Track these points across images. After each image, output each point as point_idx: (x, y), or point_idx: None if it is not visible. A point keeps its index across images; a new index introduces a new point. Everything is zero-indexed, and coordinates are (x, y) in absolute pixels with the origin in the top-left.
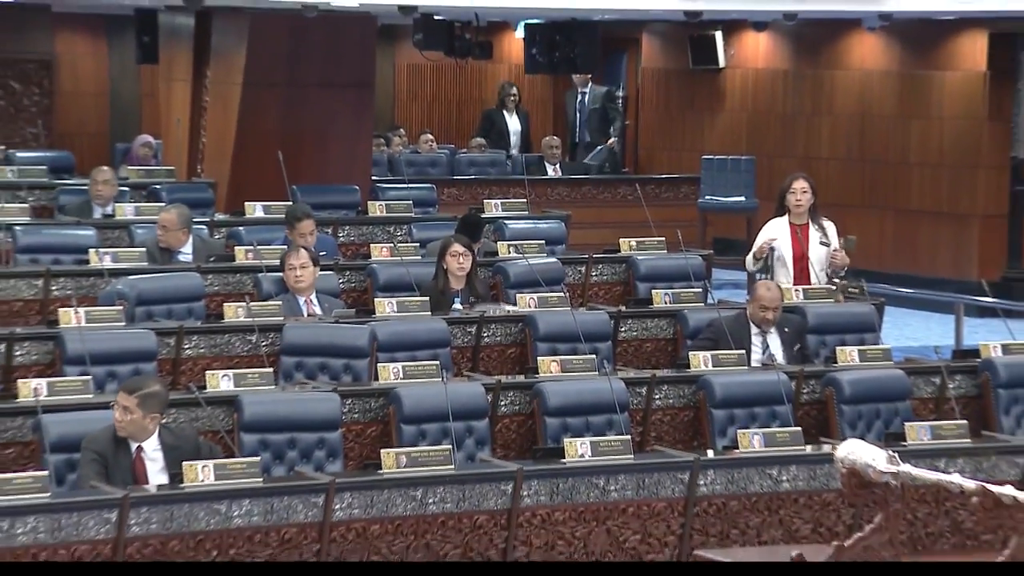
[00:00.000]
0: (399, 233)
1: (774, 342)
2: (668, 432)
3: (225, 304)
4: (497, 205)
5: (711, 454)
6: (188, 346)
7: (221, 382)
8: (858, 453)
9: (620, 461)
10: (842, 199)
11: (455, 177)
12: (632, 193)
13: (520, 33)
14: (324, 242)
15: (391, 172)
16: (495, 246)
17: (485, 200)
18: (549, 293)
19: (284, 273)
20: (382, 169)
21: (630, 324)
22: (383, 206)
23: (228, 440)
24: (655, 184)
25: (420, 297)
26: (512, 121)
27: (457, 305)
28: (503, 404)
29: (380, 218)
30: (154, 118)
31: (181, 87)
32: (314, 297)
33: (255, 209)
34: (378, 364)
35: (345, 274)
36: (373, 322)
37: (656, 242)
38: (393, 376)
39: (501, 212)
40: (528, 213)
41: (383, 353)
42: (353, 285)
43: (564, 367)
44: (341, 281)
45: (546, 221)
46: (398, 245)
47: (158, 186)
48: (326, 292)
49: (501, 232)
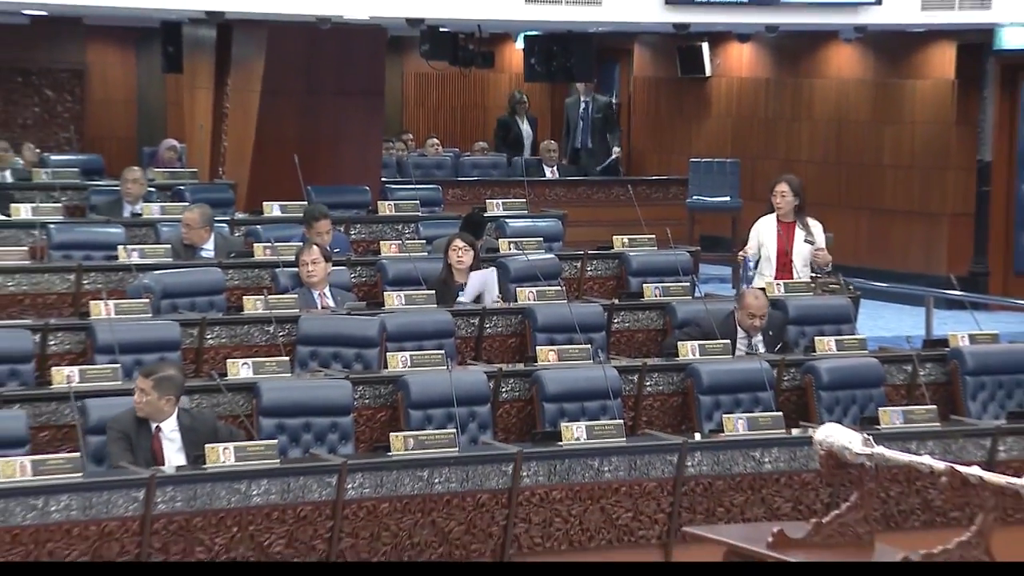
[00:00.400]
0: (407, 231)
1: (758, 344)
2: (658, 417)
3: (244, 297)
4: (498, 205)
5: (698, 437)
6: (210, 336)
7: (241, 370)
8: (835, 436)
9: (613, 444)
10: (820, 199)
11: (459, 178)
12: (624, 193)
13: (520, 44)
14: (337, 239)
15: (399, 174)
16: (496, 243)
17: (487, 200)
18: (547, 287)
19: (298, 268)
20: (391, 171)
21: (622, 316)
22: (392, 206)
23: (247, 424)
24: (646, 185)
25: (427, 291)
26: (524, 127)
27: (461, 298)
28: (504, 391)
29: (389, 217)
30: (178, 123)
31: (204, 94)
32: (327, 290)
33: (272, 208)
34: (387, 353)
35: (357, 269)
36: (383, 314)
37: (647, 239)
38: (401, 364)
39: (502, 211)
40: (527, 212)
41: (392, 343)
42: (364, 279)
43: (561, 356)
44: (353, 276)
45: (544, 220)
46: (406, 242)
47: (182, 187)
48: (339, 286)
49: (502, 230)
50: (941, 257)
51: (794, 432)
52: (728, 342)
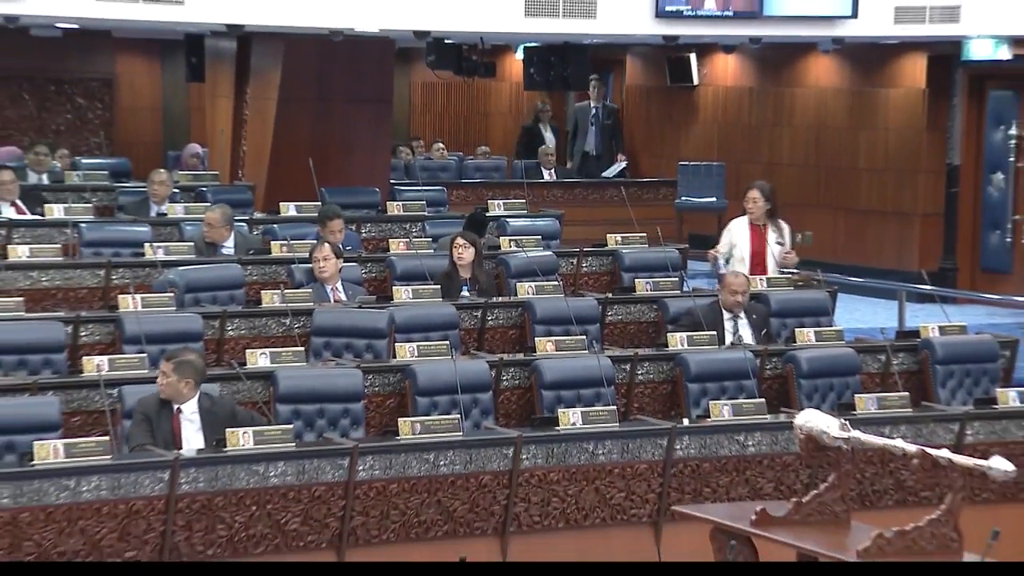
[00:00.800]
0: (414, 230)
1: (743, 327)
2: (649, 403)
3: (262, 291)
4: (499, 205)
5: (686, 422)
6: (230, 328)
7: (259, 359)
8: (814, 421)
9: (607, 428)
10: (800, 199)
11: (463, 181)
12: (617, 195)
13: (520, 55)
14: (349, 237)
15: (407, 176)
16: (498, 241)
17: (489, 200)
18: (545, 282)
19: (312, 264)
20: (399, 173)
21: (616, 309)
22: (400, 206)
23: (265, 410)
24: (638, 187)
25: (433, 285)
26: (548, 135)
27: (465, 292)
28: (505, 379)
29: (398, 216)
30: (201, 129)
31: (224, 102)
32: (339, 285)
33: (288, 209)
34: (395, 344)
35: (367, 265)
36: (391, 307)
37: (638, 237)
38: (409, 354)
39: (503, 211)
40: (527, 212)
41: (400, 334)
42: (374, 275)
43: (558, 347)
44: (364, 271)
45: (542, 219)
46: (413, 240)
47: (204, 188)
48: (350, 281)
49: (503, 229)
50: (913, 254)
51: (777, 417)
52: (715, 333)
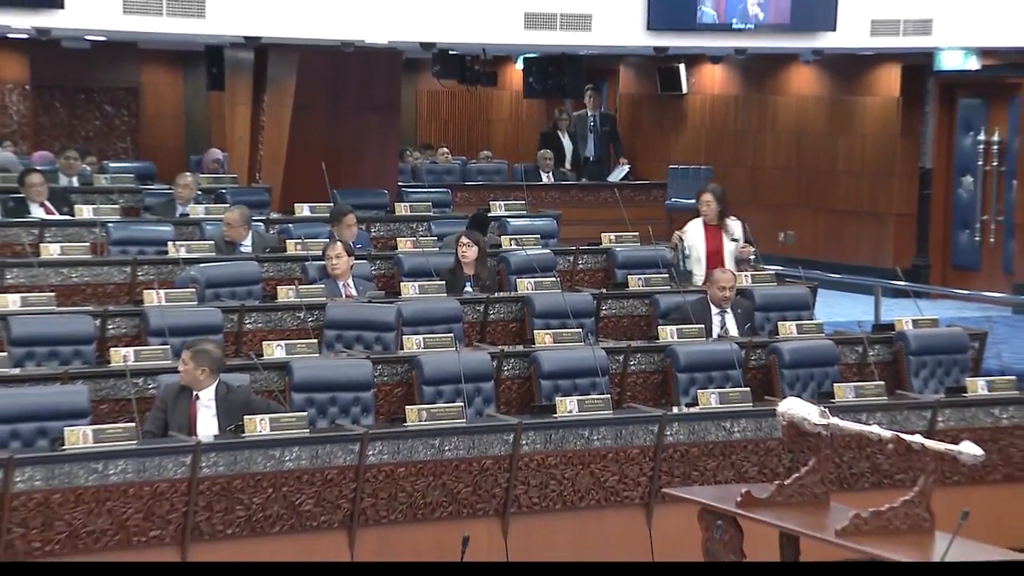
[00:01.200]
0: (421, 229)
1: (729, 321)
2: (641, 392)
3: (278, 287)
4: (501, 206)
5: (676, 410)
6: (248, 321)
7: (275, 351)
8: (796, 409)
9: (601, 416)
10: (783, 200)
11: (466, 183)
12: (611, 196)
13: (519, 65)
14: (359, 236)
15: (414, 179)
16: (499, 240)
17: (491, 202)
18: (543, 278)
19: (324, 262)
20: (407, 176)
21: (610, 304)
22: (407, 207)
23: (280, 398)
24: (630, 189)
25: (438, 281)
26: (566, 141)
27: (468, 288)
28: (506, 369)
29: (405, 216)
30: (221, 135)
31: (243, 110)
32: (351, 281)
33: (303, 209)
34: (403, 336)
35: (376, 263)
36: (399, 302)
37: (631, 236)
38: (415, 346)
39: (504, 212)
40: (526, 213)
41: (407, 327)
42: (383, 272)
43: (556, 339)
44: (373, 268)
45: (541, 219)
46: (420, 239)
47: (224, 190)
48: (361, 277)
49: (504, 228)
50: (888, 252)
51: (759, 405)
52: (703, 326)
